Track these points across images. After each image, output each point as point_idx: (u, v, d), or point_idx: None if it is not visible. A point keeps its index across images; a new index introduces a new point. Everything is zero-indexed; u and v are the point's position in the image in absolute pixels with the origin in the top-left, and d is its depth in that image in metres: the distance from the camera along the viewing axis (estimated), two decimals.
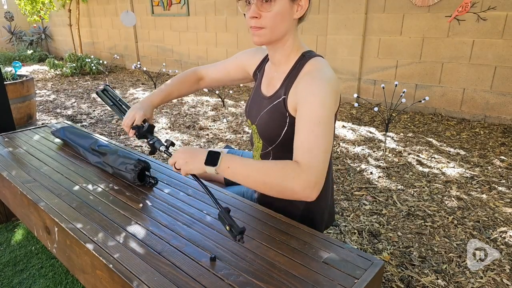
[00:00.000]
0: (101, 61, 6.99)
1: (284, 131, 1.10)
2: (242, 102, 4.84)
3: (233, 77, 1.39)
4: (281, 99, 1.09)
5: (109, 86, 1.41)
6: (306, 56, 1.08)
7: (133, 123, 1.24)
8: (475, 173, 2.64)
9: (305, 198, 0.91)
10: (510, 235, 1.92)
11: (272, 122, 1.11)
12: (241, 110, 4.45)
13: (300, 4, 1.02)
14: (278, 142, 1.13)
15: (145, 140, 1.22)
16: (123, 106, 1.34)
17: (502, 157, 2.89)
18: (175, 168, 1.02)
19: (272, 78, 1.17)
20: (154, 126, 1.28)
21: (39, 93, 5.65)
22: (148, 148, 1.22)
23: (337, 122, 2.11)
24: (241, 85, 5.77)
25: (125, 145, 3.34)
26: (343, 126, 3.78)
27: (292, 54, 1.10)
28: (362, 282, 0.84)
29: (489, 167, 2.72)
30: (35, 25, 10.55)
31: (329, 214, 1.28)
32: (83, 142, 1.64)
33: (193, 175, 1.02)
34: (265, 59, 1.26)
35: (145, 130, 1.22)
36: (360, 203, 2.29)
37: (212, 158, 0.95)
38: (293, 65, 1.09)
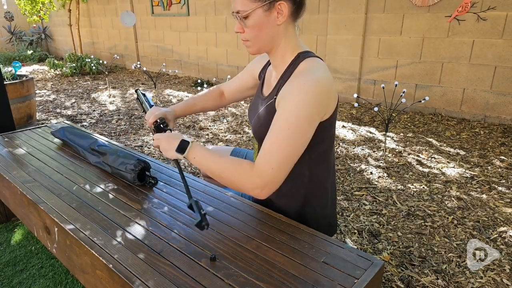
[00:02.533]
0: (101, 61, 6.99)
1: None
2: (242, 102, 4.84)
3: (247, 85, 1.42)
4: (273, 99, 1.09)
5: (142, 90, 1.56)
6: (300, 57, 1.08)
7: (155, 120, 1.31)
8: (475, 173, 2.64)
9: (256, 196, 1.01)
10: (510, 235, 1.92)
11: (265, 122, 1.12)
12: (241, 110, 4.45)
13: (280, 9, 1.01)
14: None
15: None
16: (149, 104, 1.45)
17: (502, 157, 2.89)
18: (159, 150, 1.15)
19: (271, 79, 1.18)
20: (171, 130, 1.33)
21: (39, 93, 5.65)
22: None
23: (337, 122, 2.11)
24: None
25: (125, 145, 3.34)
26: (343, 126, 3.78)
27: (287, 55, 1.10)
28: (362, 282, 0.84)
29: (489, 167, 2.72)
30: (35, 25, 10.55)
31: (328, 224, 1.24)
32: (83, 142, 1.64)
33: (175, 161, 1.14)
34: (268, 62, 1.27)
35: (162, 127, 1.31)
36: (360, 203, 2.29)
37: (182, 147, 1.07)
38: (288, 66, 1.09)
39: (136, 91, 1.51)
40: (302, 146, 1.00)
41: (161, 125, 1.27)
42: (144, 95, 1.48)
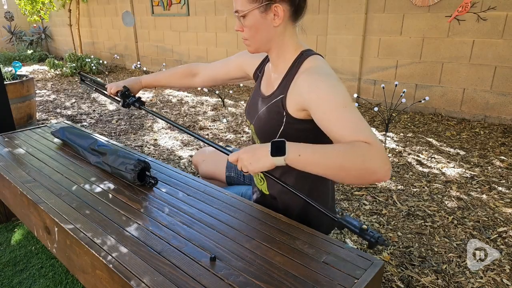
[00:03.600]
0: (101, 61, 6.99)
1: (280, 130, 1.10)
2: (242, 102, 4.84)
3: (232, 75, 1.40)
4: (278, 98, 1.09)
5: (82, 73, 1.64)
6: (304, 55, 1.08)
7: (118, 92, 1.39)
8: (475, 173, 2.64)
9: (384, 178, 0.84)
10: (510, 235, 1.92)
11: (269, 121, 1.11)
12: (241, 110, 4.45)
13: (277, 12, 1.02)
14: None
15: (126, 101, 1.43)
16: (102, 86, 1.53)
17: (502, 157, 2.89)
18: (242, 170, 0.95)
19: (271, 78, 1.17)
20: (140, 98, 1.44)
21: (39, 93, 5.65)
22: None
23: None
24: (241, 85, 5.77)
25: (125, 145, 3.34)
26: None
27: (289, 54, 1.10)
28: (362, 282, 0.84)
29: (489, 167, 2.72)
30: (35, 25, 10.55)
31: (328, 220, 1.26)
32: (82, 142, 1.64)
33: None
34: (266, 60, 1.26)
35: (127, 94, 1.41)
36: (360, 203, 2.29)
37: (278, 148, 0.88)
38: (291, 64, 1.09)
39: (79, 74, 1.61)
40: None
41: (126, 92, 1.34)
42: (89, 78, 1.56)
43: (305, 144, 0.90)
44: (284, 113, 1.07)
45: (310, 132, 1.05)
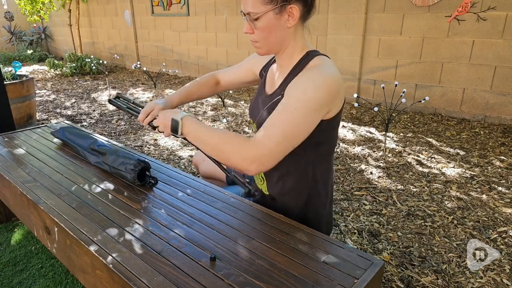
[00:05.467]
0: (101, 61, 6.99)
1: None
2: (242, 102, 4.84)
3: (244, 79, 1.42)
4: (280, 96, 1.09)
5: (120, 93, 1.50)
6: (310, 55, 1.08)
7: (149, 115, 1.27)
8: (475, 173, 2.64)
9: (243, 171, 0.95)
10: (510, 235, 1.92)
11: None
12: (241, 110, 4.45)
13: (291, 13, 1.01)
14: None
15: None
16: (138, 107, 1.36)
17: (502, 157, 2.89)
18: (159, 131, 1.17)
19: (276, 77, 1.17)
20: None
21: (39, 93, 5.65)
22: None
23: None
24: None
25: (125, 145, 3.34)
26: (343, 126, 3.78)
27: (295, 54, 1.10)
28: (362, 282, 0.84)
29: (489, 167, 2.72)
30: (35, 25, 10.55)
31: (327, 222, 1.26)
32: (82, 142, 1.64)
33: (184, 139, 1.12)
34: (272, 60, 1.27)
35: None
36: (360, 203, 2.29)
37: (174, 126, 1.07)
38: (296, 63, 1.09)
39: (109, 101, 1.45)
40: (304, 131, 0.97)
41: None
42: (121, 98, 1.43)
43: (199, 123, 1.05)
44: None
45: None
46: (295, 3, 1.00)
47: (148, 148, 3.28)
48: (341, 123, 3.87)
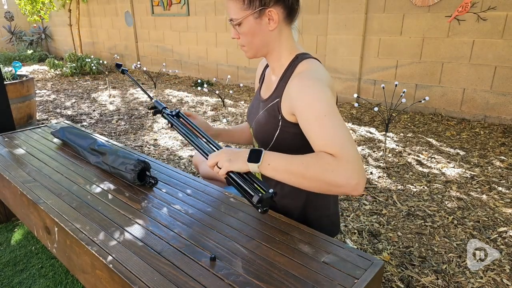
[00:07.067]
0: (101, 61, 7.00)
1: (276, 134, 1.10)
2: (242, 102, 4.84)
3: None
4: (275, 102, 1.10)
5: (180, 112, 1.30)
6: (299, 58, 1.09)
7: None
8: (475, 173, 2.64)
9: (352, 192, 0.85)
10: (510, 235, 1.92)
11: (266, 125, 1.12)
12: (241, 110, 4.45)
13: (271, 16, 1.02)
14: (271, 145, 1.13)
15: None
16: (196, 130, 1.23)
17: (502, 157, 2.89)
18: (217, 167, 0.99)
19: (270, 81, 1.19)
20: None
21: (39, 93, 5.65)
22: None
23: None
24: (241, 84, 5.77)
25: (125, 145, 3.34)
26: None
27: (284, 58, 1.10)
28: (362, 282, 0.84)
29: (489, 167, 2.72)
30: (35, 25, 10.55)
31: (332, 223, 1.26)
32: (82, 142, 1.64)
33: (229, 175, 0.98)
34: (267, 65, 1.28)
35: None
36: (360, 203, 2.29)
37: (255, 156, 0.94)
38: (286, 68, 1.10)
39: (163, 115, 1.26)
40: (347, 127, 0.93)
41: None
42: (181, 117, 1.25)
43: (280, 154, 0.94)
44: (280, 117, 1.08)
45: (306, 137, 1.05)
46: (274, 7, 1.02)
47: (148, 148, 3.28)
48: None
